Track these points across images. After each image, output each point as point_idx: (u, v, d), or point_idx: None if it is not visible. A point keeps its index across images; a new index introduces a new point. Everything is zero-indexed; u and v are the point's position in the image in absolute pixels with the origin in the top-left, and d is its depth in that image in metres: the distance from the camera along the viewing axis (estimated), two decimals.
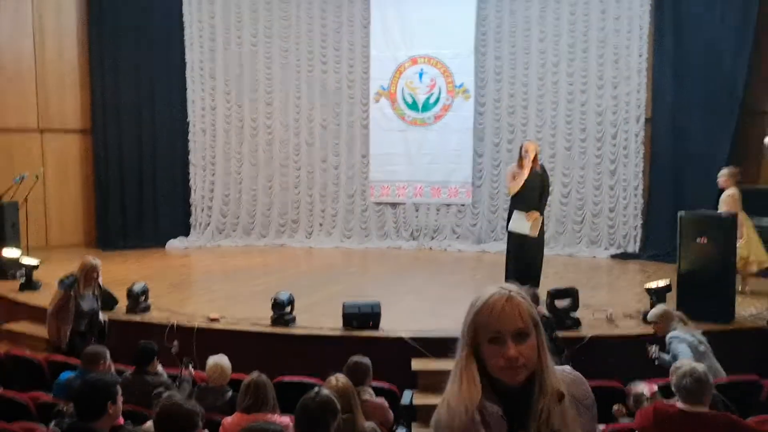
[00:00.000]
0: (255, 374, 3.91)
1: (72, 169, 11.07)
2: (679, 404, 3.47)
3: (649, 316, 5.24)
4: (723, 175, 7.43)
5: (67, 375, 4.70)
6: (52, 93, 10.82)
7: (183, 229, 11.34)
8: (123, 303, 6.73)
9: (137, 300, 6.67)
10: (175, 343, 5.17)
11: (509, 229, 7.07)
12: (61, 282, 5.81)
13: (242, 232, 11.48)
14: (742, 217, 7.11)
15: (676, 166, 9.80)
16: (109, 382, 3.15)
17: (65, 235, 10.95)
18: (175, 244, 11.09)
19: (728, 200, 7.24)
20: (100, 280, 5.91)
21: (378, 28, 11.12)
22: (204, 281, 8.97)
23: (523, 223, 6.96)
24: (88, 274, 5.74)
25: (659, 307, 5.30)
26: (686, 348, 4.79)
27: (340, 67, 11.34)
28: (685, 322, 5.13)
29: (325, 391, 3.10)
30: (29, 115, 10.71)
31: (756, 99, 9.29)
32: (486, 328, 1.56)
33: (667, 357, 4.88)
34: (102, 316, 5.98)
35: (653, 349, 4.96)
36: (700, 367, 3.58)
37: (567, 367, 1.66)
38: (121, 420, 3.38)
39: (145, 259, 9.94)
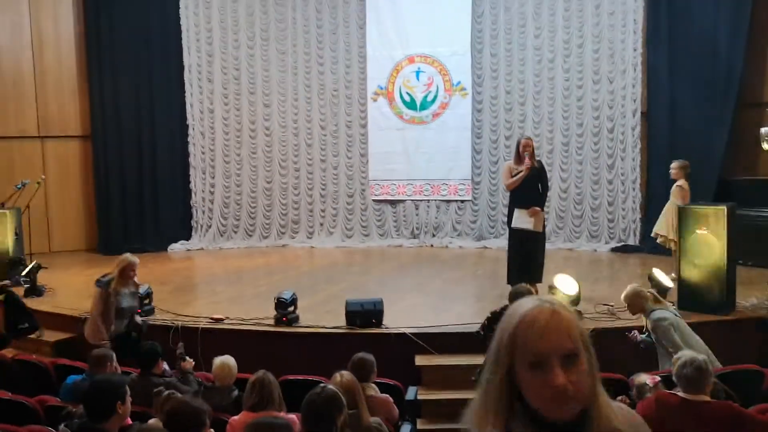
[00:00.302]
0: (260, 373, 3.95)
1: (73, 175, 11.10)
2: (681, 393, 3.51)
3: (622, 297, 5.29)
4: (674, 167, 7.76)
5: (73, 378, 4.75)
6: (52, 100, 10.86)
7: (184, 232, 11.37)
8: None
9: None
10: (181, 344, 5.21)
11: (513, 226, 7.11)
12: (99, 281, 5.66)
13: (243, 234, 11.51)
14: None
15: (673, 158, 9.79)
16: (118, 382, 3.19)
17: (67, 240, 10.99)
18: (176, 247, 11.13)
19: (678, 191, 7.58)
20: (137, 278, 5.76)
21: (374, 28, 11.17)
22: (207, 283, 9.02)
23: (525, 219, 7.01)
24: (125, 271, 5.58)
25: (631, 287, 5.34)
26: (675, 334, 4.86)
27: (337, 68, 11.39)
28: (658, 300, 5.19)
29: (331, 387, 3.15)
30: (29, 122, 10.75)
31: (752, 90, 9.33)
32: (525, 349, 1.26)
33: (642, 337, 4.93)
34: (138, 318, 5.82)
35: (634, 334, 4.99)
36: (700, 356, 3.63)
37: (622, 404, 1.40)
38: (129, 421, 3.42)
39: (147, 263, 9.89)
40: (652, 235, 7.97)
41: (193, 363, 4.96)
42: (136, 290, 5.84)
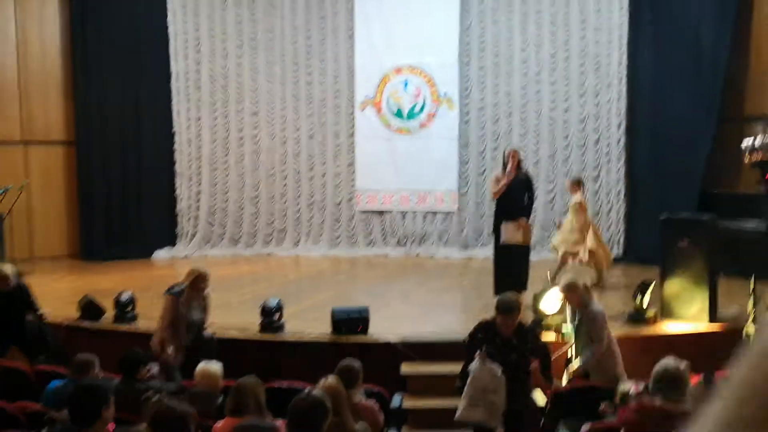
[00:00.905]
0: (243, 378, 3.96)
1: (56, 181, 11.01)
2: (660, 401, 3.53)
3: (560, 289, 5.37)
4: (569, 183, 8.27)
5: (55, 383, 4.69)
6: (36, 105, 10.78)
7: (169, 239, 11.31)
8: (110, 313, 6.71)
9: (124, 309, 6.64)
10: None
11: (502, 241, 7.16)
12: (170, 290, 5.47)
13: (229, 242, 11.47)
14: (583, 221, 7.96)
15: (657, 171, 9.97)
16: (103, 387, 3.18)
17: (50, 246, 10.87)
18: (161, 254, 11.06)
19: (576, 206, 7.98)
20: (207, 290, 5.55)
21: (362, 38, 11.23)
22: None
23: (513, 234, 7.08)
24: (196, 282, 5.41)
25: (568, 278, 5.43)
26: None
27: (325, 78, 11.43)
28: (590, 293, 5.32)
29: (316, 392, 3.15)
30: (12, 127, 10.65)
31: (735, 105, 9.48)
32: None
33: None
34: (208, 332, 5.62)
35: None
36: (676, 362, 3.64)
37: None
38: (112, 425, 3.39)
39: (131, 270, 9.89)
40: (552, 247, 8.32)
41: (175, 354, 4.93)
42: (206, 303, 5.62)
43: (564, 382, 5.09)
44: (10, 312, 6.03)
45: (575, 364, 5.13)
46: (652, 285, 6.45)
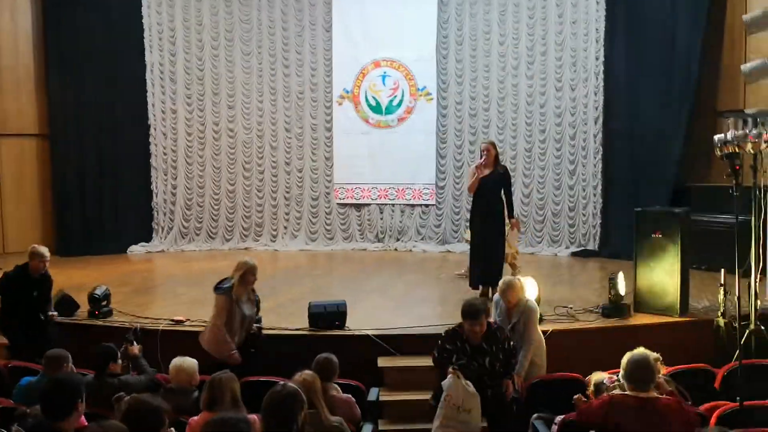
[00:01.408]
0: (218, 372, 3.95)
1: (29, 174, 10.82)
2: (630, 392, 3.59)
3: (499, 292, 5.39)
4: None
5: (28, 379, 4.64)
6: (9, 97, 10.56)
7: (145, 233, 11.19)
8: (84, 308, 6.64)
9: (99, 304, 6.57)
10: (132, 332, 5.10)
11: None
12: (218, 288, 5.25)
13: (206, 236, 11.39)
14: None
15: (632, 165, 10.08)
16: (77, 381, 3.14)
17: (24, 240, 10.57)
18: (136, 249, 10.95)
19: None
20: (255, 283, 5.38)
21: (340, 31, 11.19)
22: (167, 285, 8.88)
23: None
24: (246, 276, 5.23)
25: (513, 278, 5.52)
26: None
27: (302, 71, 11.37)
28: (523, 290, 5.42)
29: (291, 384, 3.15)
30: None
31: (708, 100, 9.62)
32: None
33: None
34: (254, 326, 5.45)
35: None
36: (645, 353, 3.70)
37: None
38: (84, 421, 3.35)
39: (106, 265, 9.78)
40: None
41: (140, 347, 4.89)
42: (254, 297, 5.46)
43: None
44: (39, 300, 5.86)
45: (516, 379, 4.94)
46: (622, 277, 6.52)
